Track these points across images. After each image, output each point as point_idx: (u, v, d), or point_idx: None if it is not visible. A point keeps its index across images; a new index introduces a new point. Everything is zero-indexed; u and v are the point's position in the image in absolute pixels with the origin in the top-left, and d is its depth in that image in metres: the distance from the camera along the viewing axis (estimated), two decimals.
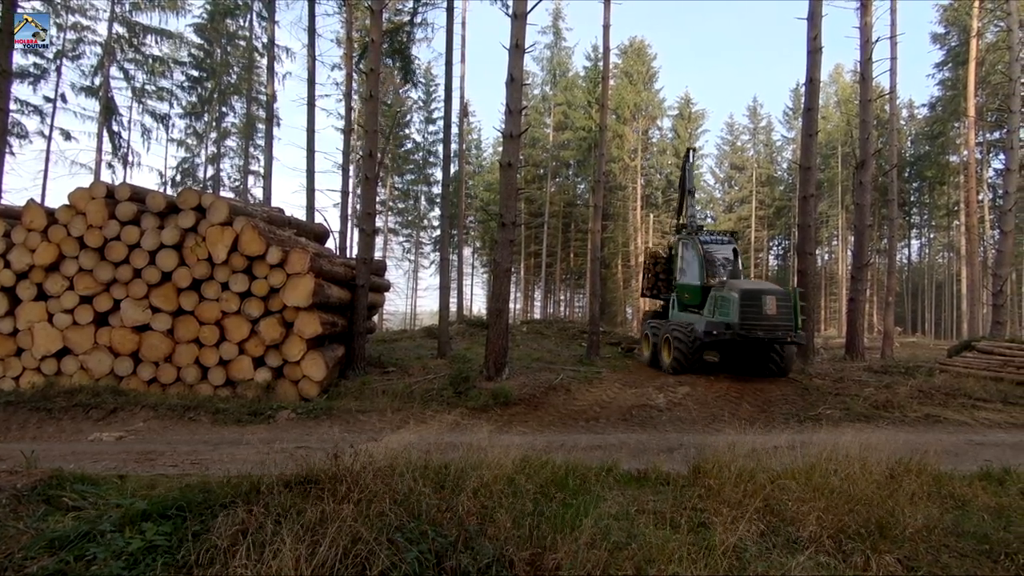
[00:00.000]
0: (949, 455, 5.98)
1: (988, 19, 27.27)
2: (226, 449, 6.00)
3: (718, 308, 11.44)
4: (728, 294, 11.24)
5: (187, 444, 6.31)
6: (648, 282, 15.85)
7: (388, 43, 16.39)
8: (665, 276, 15.59)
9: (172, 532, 2.80)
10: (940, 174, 35.19)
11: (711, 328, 11.09)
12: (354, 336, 10.71)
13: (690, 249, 13.04)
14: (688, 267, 13.08)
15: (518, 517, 2.92)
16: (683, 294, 13.02)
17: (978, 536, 3.68)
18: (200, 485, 3.42)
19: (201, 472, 4.80)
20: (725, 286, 11.58)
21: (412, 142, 42.05)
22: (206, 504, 3.09)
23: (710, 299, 11.79)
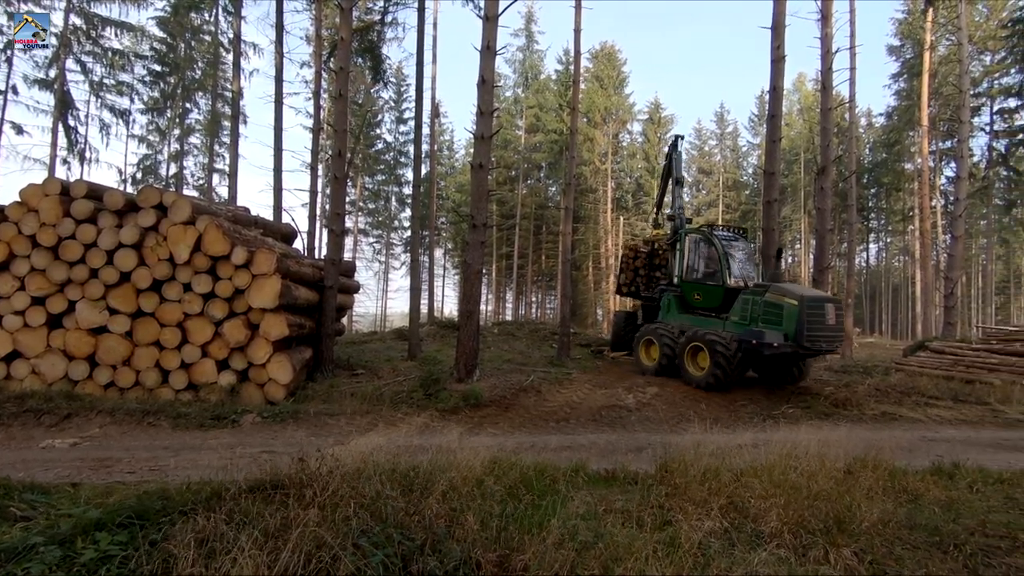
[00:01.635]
0: (903, 451, 6.21)
1: (940, 33, 28.50)
2: (187, 455, 5.83)
3: (763, 316, 10.13)
4: (782, 301, 9.97)
5: (146, 450, 6.10)
6: (626, 278, 15.00)
7: (358, 42, 16.21)
8: (646, 273, 14.83)
9: (128, 542, 2.70)
10: (896, 181, 36.57)
11: (770, 340, 9.61)
12: (322, 338, 10.53)
13: (705, 246, 11.81)
14: (702, 266, 11.82)
15: (486, 519, 2.92)
16: (693, 295, 11.82)
17: (929, 528, 3.83)
18: (159, 492, 3.32)
19: (160, 479, 4.65)
20: (770, 291, 10.32)
21: (383, 142, 41.67)
22: (165, 512, 2.99)
23: (744, 303, 10.56)
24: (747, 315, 10.46)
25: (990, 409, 9.90)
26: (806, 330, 9.56)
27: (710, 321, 11.27)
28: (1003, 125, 30.41)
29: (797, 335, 9.64)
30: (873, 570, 3.22)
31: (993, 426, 8.98)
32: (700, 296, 11.67)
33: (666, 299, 12.41)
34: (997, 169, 30.64)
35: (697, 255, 11.92)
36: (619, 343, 14.65)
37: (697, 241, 11.97)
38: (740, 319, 10.59)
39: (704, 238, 11.82)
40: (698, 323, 11.39)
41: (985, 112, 31.05)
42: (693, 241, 12.01)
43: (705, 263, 11.78)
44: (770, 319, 10.05)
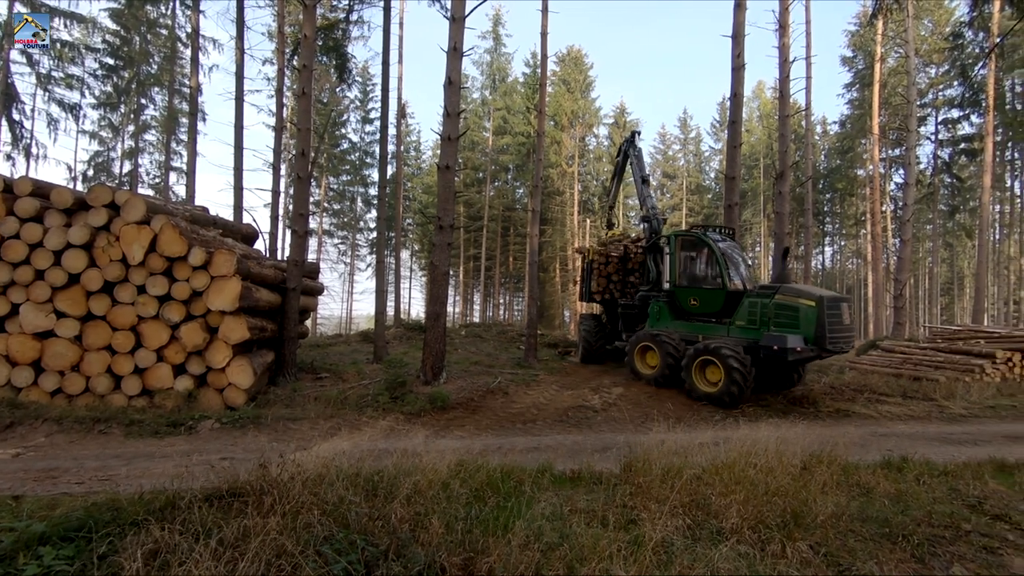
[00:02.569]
0: (856, 446, 6.44)
1: (889, 46, 29.80)
2: (141, 463, 5.61)
3: (775, 319, 9.54)
4: (797, 303, 9.42)
5: (96, 459, 5.84)
6: (599, 285, 14.22)
7: (322, 39, 15.94)
8: (620, 278, 14.33)
9: (75, 556, 2.58)
10: (849, 186, 38.05)
11: (792, 344, 9.03)
12: (285, 341, 10.30)
13: (700, 248, 11.18)
14: (698, 269, 11.21)
15: (451, 522, 2.90)
16: (689, 299, 11.08)
17: (880, 520, 3.98)
18: (108, 503, 3.18)
19: (110, 489, 4.45)
20: (781, 292, 9.72)
21: (348, 142, 41.08)
22: (115, 523, 2.87)
23: (752, 307, 9.91)
24: (756, 319, 9.82)
25: (936, 405, 10.37)
26: (827, 332, 9.09)
27: (711, 327, 10.62)
28: (947, 134, 32.10)
29: (818, 337, 9.16)
30: (827, 562, 3.33)
31: (939, 421, 9.41)
32: (697, 301, 10.97)
33: (655, 305, 11.64)
34: (942, 176, 32.27)
35: (691, 258, 11.31)
36: (591, 354, 14.14)
37: (691, 243, 11.30)
38: (747, 324, 9.92)
39: (698, 240, 11.16)
40: (697, 329, 10.78)
41: (931, 122, 32.64)
42: (686, 243, 11.33)
43: (701, 266, 11.17)
44: (783, 322, 9.45)
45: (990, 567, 3.46)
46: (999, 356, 12.93)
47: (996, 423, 9.35)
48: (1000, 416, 9.88)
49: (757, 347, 9.50)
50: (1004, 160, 32.43)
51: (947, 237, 38.57)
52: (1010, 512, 4.33)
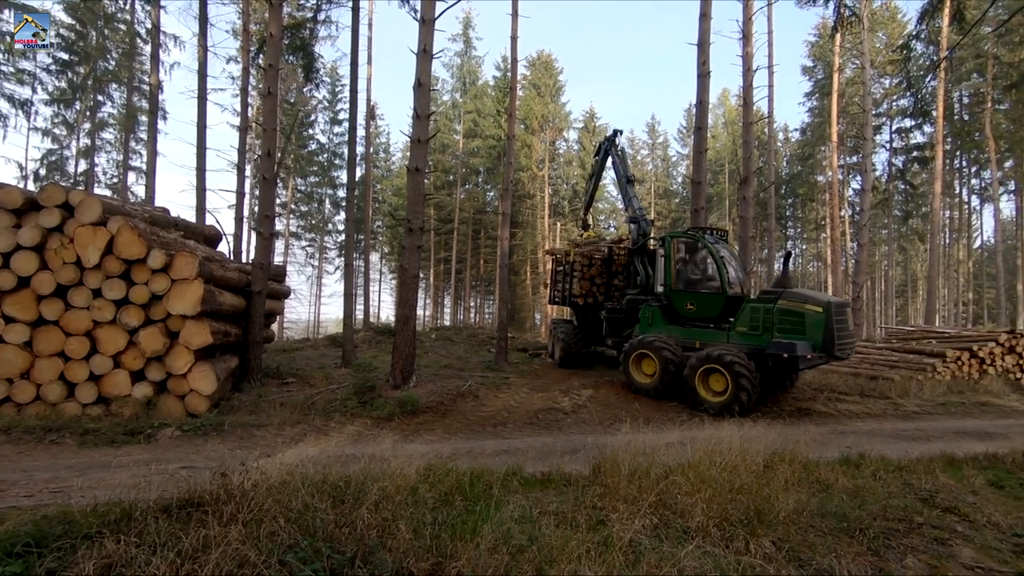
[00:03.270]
0: (817, 444, 6.64)
1: (847, 57, 30.91)
2: (95, 474, 5.39)
3: (779, 325, 9.26)
4: (803, 308, 9.18)
5: (47, 471, 5.59)
6: (580, 288, 13.53)
7: (289, 39, 15.66)
8: (604, 281, 13.82)
9: (22, 572, 2.47)
10: (810, 192, 39.25)
11: (803, 352, 8.79)
12: (249, 346, 10.06)
13: (698, 250, 10.84)
14: (696, 272, 10.85)
15: (419, 527, 2.87)
16: (685, 304, 10.66)
17: (838, 516, 4.11)
18: (60, 516, 3.05)
19: (62, 501, 4.27)
20: (784, 297, 9.43)
21: (317, 143, 40.45)
22: (66, 537, 2.75)
23: (753, 312, 9.61)
24: (758, 325, 9.49)
25: (891, 403, 10.77)
26: (836, 338, 8.93)
27: (709, 333, 10.27)
28: (900, 143, 33.54)
29: (826, 344, 8.96)
30: (789, 558, 3.42)
31: (894, 418, 9.77)
32: (694, 305, 10.57)
33: (647, 310, 11.12)
34: (896, 183, 33.62)
35: (688, 261, 10.94)
36: (570, 357, 13.71)
37: (687, 246, 10.92)
38: (749, 330, 9.60)
39: (696, 242, 10.78)
40: (693, 335, 10.39)
41: (885, 130, 34.01)
42: (682, 245, 10.93)
43: (699, 269, 10.82)
44: (788, 328, 9.18)
45: (940, 558, 3.60)
46: (949, 355, 13.52)
47: (947, 419, 9.77)
48: (950, 413, 10.33)
49: (761, 354, 9.24)
50: (953, 168, 33.96)
51: (901, 241, 40.16)
52: (959, 505, 4.52)
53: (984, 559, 3.63)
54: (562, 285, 14.51)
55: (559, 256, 15.27)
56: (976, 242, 42.48)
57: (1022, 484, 5.35)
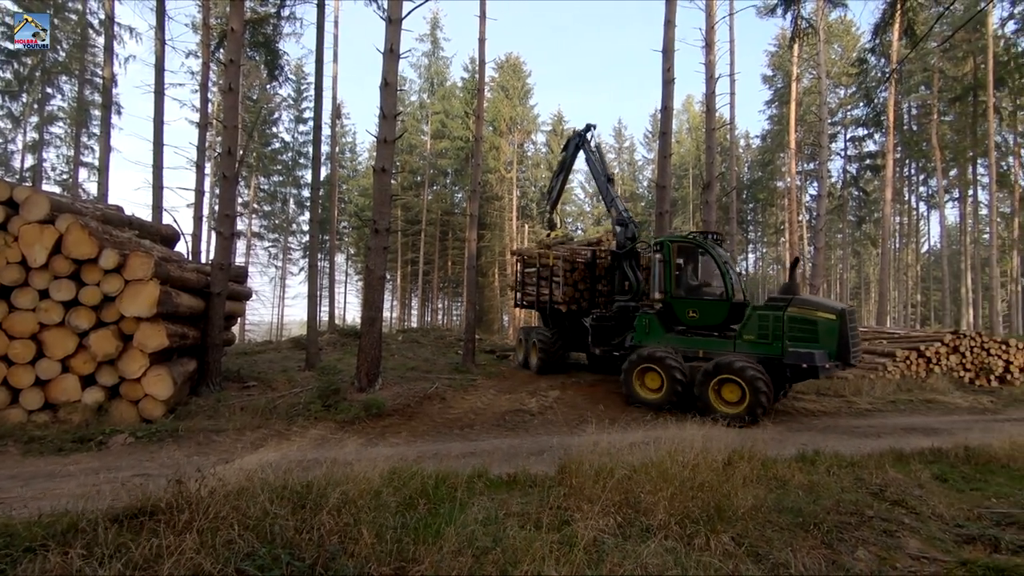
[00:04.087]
0: (774, 442, 6.84)
1: (804, 67, 31.99)
2: (40, 484, 5.14)
3: (790, 333, 8.98)
4: (815, 316, 8.96)
5: None
6: (564, 295, 12.65)
7: (251, 34, 15.30)
8: (587, 286, 13.09)
9: None
10: (770, 197, 40.44)
11: (821, 361, 8.59)
12: (208, 348, 9.76)
13: (701, 256, 10.43)
14: (699, 278, 10.49)
15: (382, 531, 2.84)
16: (687, 311, 10.15)
17: (794, 511, 4.23)
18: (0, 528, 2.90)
19: (3, 513, 4.06)
20: (794, 305, 9.16)
21: (281, 141, 39.65)
22: (6, 551, 2.62)
23: (762, 320, 9.26)
24: (767, 333, 9.17)
25: (845, 400, 11.18)
26: (851, 347, 8.79)
27: (713, 341, 9.85)
28: (854, 151, 34.93)
29: (842, 352, 8.81)
30: (748, 553, 3.51)
31: (848, 415, 10.14)
32: (697, 313, 10.10)
33: (644, 318, 10.52)
34: (850, 189, 34.99)
35: (690, 266, 10.50)
36: (549, 365, 13.01)
37: (690, 250, 10.49)
38: (758, 338, 9.24)
39: (698, 247, 10.37)
40: (695, 344, 9.94)
41: (841, 139, 35.36)
42: (684, 250, 10.47)
43: (702, 275, 10.42)
44: (799, 336, 8.93)
45: (889, 549, 3.75)
46: (899, 355, 14.11)
47: (896, 416, 10.20)
48: (899, 410, 10.78)
49: (771, 362, 9.02)
50: (903, 176, 35.50)
51: (855, 245, 41.74)
52: (906, 498, 4.72)
53: (929, 549, 3.80)
54: (536, 289, 13.78)
55: (527, 257, 14.65)
56: (924, 247, 44.54)
57: (964, 477, 5.62)
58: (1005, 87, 25.98)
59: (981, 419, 10.21)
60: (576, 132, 14.05)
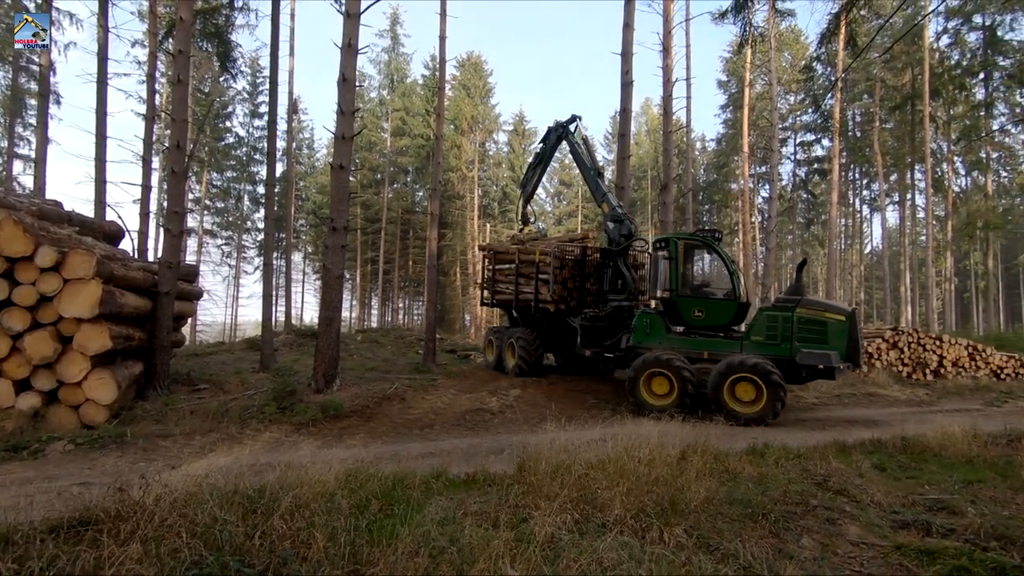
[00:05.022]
0: (727, 436, 7.04)
1: (757, 73, 33.05)
2: None
3: (799, 334, 9.03)
4: (825, 317, 9.05)
5: None
6: (552, 293, 11.80)
7: (202, 24, 14.76)
8: (576, 284, 12.40)
9: None
10: (724, 199, 41.66)
11: (835, 363, 8.71)
12: (156, 350, 9.38)
13: (708, 255, 10.41)
14: (706, 278, 10.43)
15: (336, 534, 2.79)
16: (693, 311, 9.91)
17: (744, 502, 4.38)
18: None
19: None
20: (803, 306, 9.20)
21: (235, 136, 38.42)
22: None
23: (771, 321, 9.27)
24: (776, 334, 9.16)
25: (793, 395, 11.63)
26: (861, 348, 8.89)
27: (719, 342, 9.73)
28: (803, 155, 36.35)
29: (851, 353, 8.95)
30: (699, 544, 3.62)
31: (796, 409, 10.56)
32: (703, 313, 9.87)
33: (645, 318, 10.19)
34: (799, 192, 36.40)
35: (697, 266, 10.43)
36: (530, 368, 12.29)
37: (697, 249, 10.34)
38: (766, 339, 9.21)
39: (706, 245, 10.22)
40: (700, 345, 9.74)
41: (791, 143, 36.72)
42: (691, 249, 10.27)
43: (709, 275, 10.35)
44: (809, 337, 9.00)
45: (831, 536, 3.93)
46: None
47: (840, 409, 10.68)
48: (843, 403, 11.30)
49: (779, 363, 8.97)
50: (848, 180, 37.20)
51: (804, 246, 43.45)
52: (848, 487, 4.96)
53: (868, 535, 4.00)
54: (514, 287, 12.97)
55: (500, 253, 13.92)
56: (867, 247, 46.72)
57: (901, 466, 5.93)
58: (940, 97, 27.52)
59: (917, 411, 10.80)
60: (558, 123, 13.43)
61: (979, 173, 31.55)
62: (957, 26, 26.98)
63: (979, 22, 25.83)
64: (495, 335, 13.92)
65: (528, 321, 13.11)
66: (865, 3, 13.27)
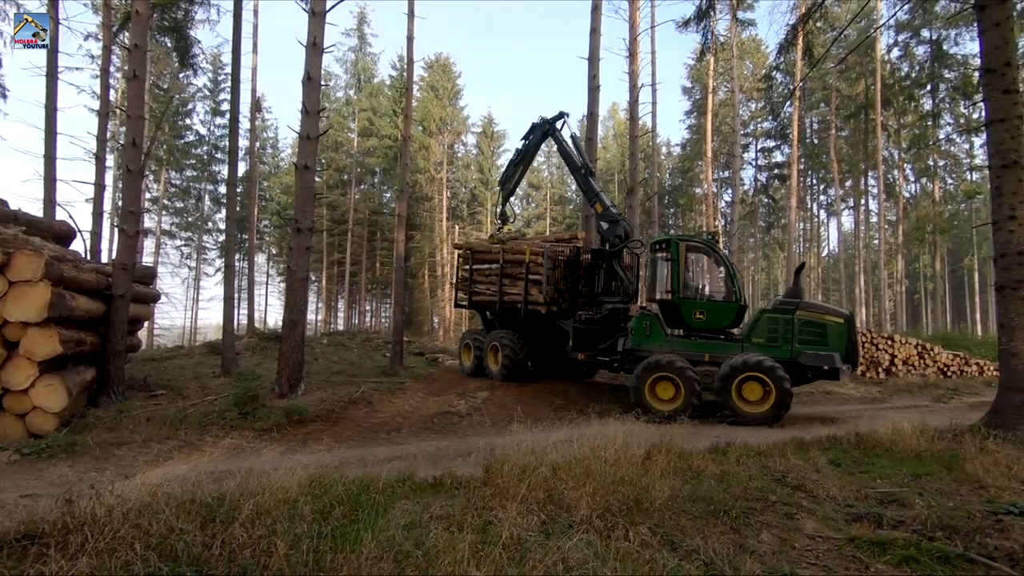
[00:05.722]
0: (690, 435, 7.17)
1: (720, 80, 33.93)
2: None
3: (800, 336, 9.21)
4: (824, 320, 9.28)
5: None
6: (545, 295, 11.35)
7: (159, 18, 14.31)
8: (568, 286, 12.01)
9: None
10: (689, 202, 42.52)
11: (838, 364, 8.91)
12: (109, 355, 9.03)
13: (709, 257, 10.37)
14: (708, 280, 10.44)
15: (298, 541, 2.74)
16: (694, 313, 9.87)
17: (707, 499, 4.48)
18: None
19: None
20: (802, 308, 9.42)
21: (195, 134, 37.35)
22: None
23: (772, 323, 9.41)
24: (777, 336, 9.31)
25: None
26: (857, 348, 9.12)
27: (719, 344, 9.76)
28: (764, 161, 37.44)
29: (850, 354, 9.19)
30: (663, 542, 3.68)
31: None
32: (704, 315, 9.85)
33: (644, 320, 10.13)
34: (760, 196, 37.46)
35: (699, 268, 10.47)
36: (516, 373, 11.89)
37: (698, 251, 10.35)
38: (767, 341, 9.34)
39: (708, 247, 10.26)
40: (700, 348, 9.76)
41: (752, 149, 37.78)
42: (692, 251, 10.26)
43: (711, 277, 10.38)
44: (810, 339, 9.19)
45: (789, 531, 4.05)
46: None
47: (798, 407, 10.97)
48: (802, 401, 11.65)
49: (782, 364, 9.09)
50: (806, 185, 38.43)
51: (765, 249, 44.75)
52: (805, 482, 5.12)
53: (823, 529, 4.14)
54: (497, 288, 12.41)
55: (479, 252, 13.39)
56: (824, 251, 48.36)
57: (855, 461, 6.16)
58: (891, 107, 28.74)
59: (871, 407, 11.24)
60: (544, 119, 12.94)
61: (927, 180, 33.08)
62: (907, 39, 28.24)
63: (927, 36, 27.10)
64: (473, 338, 13.26)
65: (509, 323, 12.63)
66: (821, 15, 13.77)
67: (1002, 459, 5.82)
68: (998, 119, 7.46)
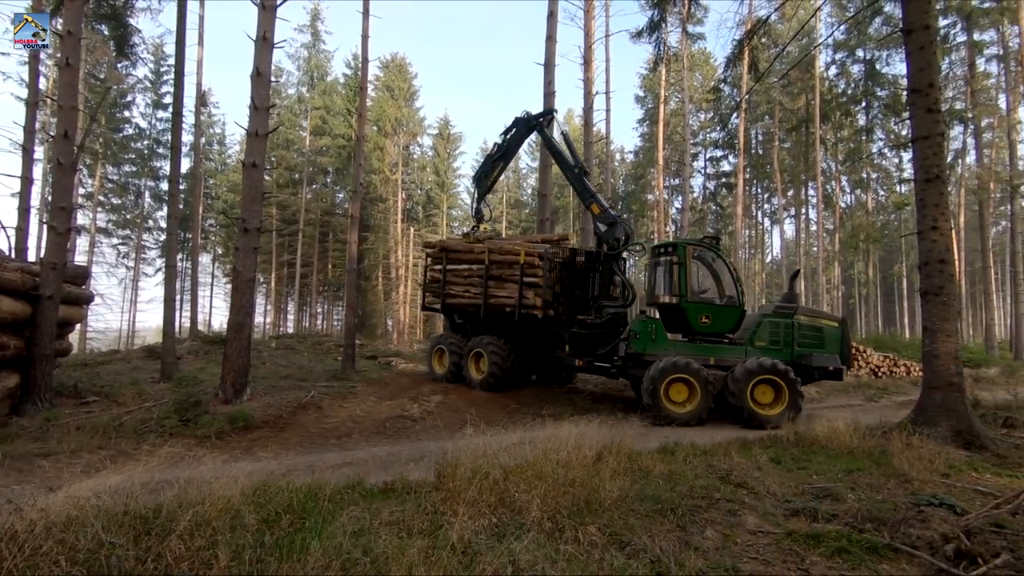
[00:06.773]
0: (641, 436, 7.34)
1: (671, 90, 34.96)
2: None
3: (800, 339, 9.62)
4: (821, 323, 9.73)
5: None
6: (542, 299, 10.70)
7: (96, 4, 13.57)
8: (563, 289, 11.43)
9: None
10: (642, 208, 43.53)
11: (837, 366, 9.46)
12: (35, 360, 8.47)
13: (715, 262, 10.33)
14: (713, 285, 10.37)
15: (241, 552, 2.65)
16: (700, 317, 9.88)
17: (655, 498, 4.59)
18: None
19: None
20: (800, 313, 9.80)
21: (135, 127, 35.60)
22: None
23: (773, 327, 9.72)
24: (778, 339, 9.67)
25: None
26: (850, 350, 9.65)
27: (722, 348, 9.89)
28: (712, 170, 38.82)
29: (844, 356, 9.67)
30: (612, 541, 3.75)
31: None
32: (709, 319, 9.88)
33: (649, 324, 10.11)
34: (709, 204, 38.80)
35: (705, 273, 10.39)
36: (503, 381, 11.30)
37: (704, 255, 10.32)
38: (769, 344, 9.66)
39: (713, 252, 10.26)
40: (704, 351, 9.82)
41: (701, 158, 39.08)
42: (699, 255, 10.25)
43: (716, 282, 10.37)
44: (809, 343, 9.66)
45: (732, 527, 4.20)
46: None
47: None
48: None
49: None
50: (752, 194, 40.01)
51: None
52: (747, 480, 5.32)
53: (764, 524, 4.31)
54: (482, 291, 11.54)
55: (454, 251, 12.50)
56: (768, 257, 50.42)
57: (793, 459, 6.45)
58: (829, 122, 30.29)
59: (809, 407, 11.73)
60: (528, 114, 12.23)
61: (861, 191, 35.04)
62: (843, 58, 29.84)
63: (862, 56, 28.73)
64: (448, 343, 12.38)
65: (491, 328, 11.80)
66: (765, 32, 14.41)
67: (925, 454, 6.21)
68: (922, 136, 7.99)
